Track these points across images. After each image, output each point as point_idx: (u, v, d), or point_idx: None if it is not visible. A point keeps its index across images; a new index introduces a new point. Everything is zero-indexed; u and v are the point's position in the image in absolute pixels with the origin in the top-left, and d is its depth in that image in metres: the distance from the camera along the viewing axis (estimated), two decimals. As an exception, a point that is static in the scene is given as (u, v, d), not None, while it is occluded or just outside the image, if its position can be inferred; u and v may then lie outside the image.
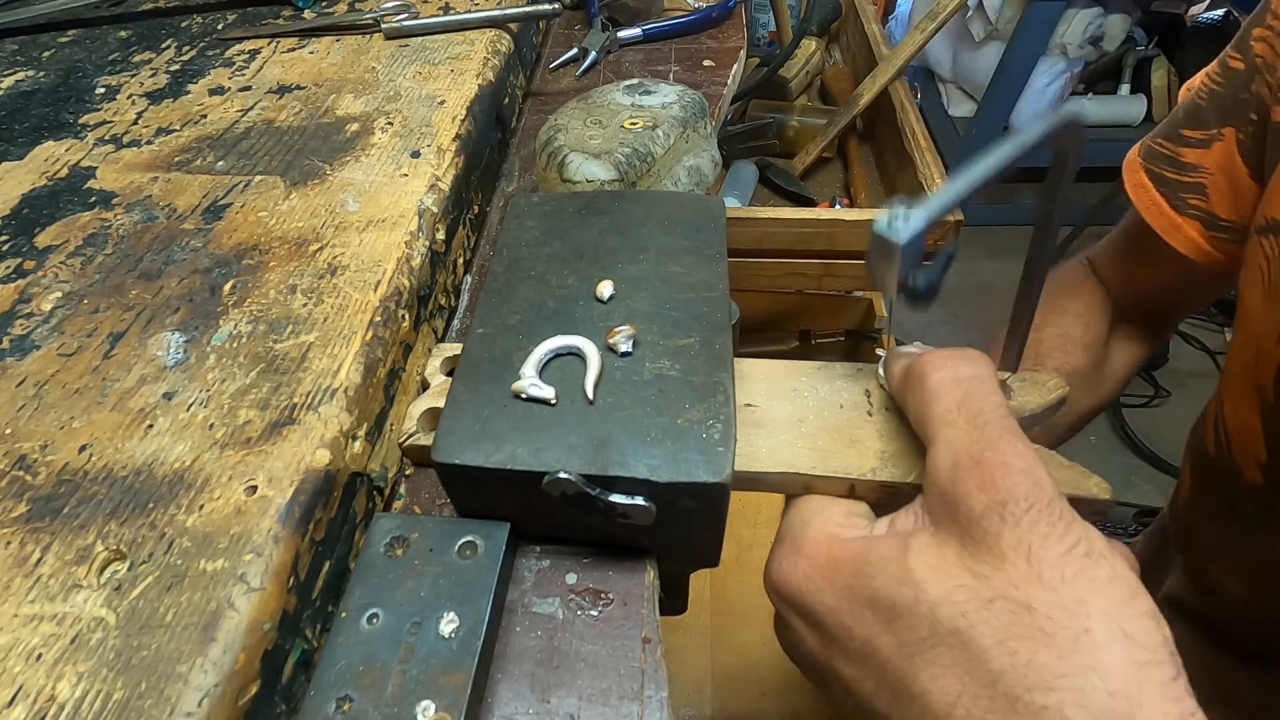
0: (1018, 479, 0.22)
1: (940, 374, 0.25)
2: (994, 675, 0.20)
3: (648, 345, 0.30)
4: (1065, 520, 0.22)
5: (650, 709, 0.26)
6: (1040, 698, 0.20)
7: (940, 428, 0.24)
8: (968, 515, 0.22)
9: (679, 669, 0.75)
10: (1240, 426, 0.46)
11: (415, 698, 0.24)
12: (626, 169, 0.40)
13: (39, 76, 0.53)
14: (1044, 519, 0.21)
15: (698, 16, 0.68)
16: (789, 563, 0.27)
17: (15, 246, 0.38)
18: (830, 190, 1.03)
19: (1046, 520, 0.21)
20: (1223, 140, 0.47)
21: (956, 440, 0.23)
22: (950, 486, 0.23)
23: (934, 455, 0.24)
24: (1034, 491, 0.22)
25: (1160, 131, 0.53)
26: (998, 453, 0.22)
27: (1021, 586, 0.21)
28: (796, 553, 0.27)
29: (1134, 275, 0.58)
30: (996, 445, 0.23)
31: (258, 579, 0.24)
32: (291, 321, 0.33)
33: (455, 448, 0.27)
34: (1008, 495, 0.22)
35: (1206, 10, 2.00)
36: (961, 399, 0.24)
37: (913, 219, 0.25)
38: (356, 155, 0.43)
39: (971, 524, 0.22)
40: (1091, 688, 0.19)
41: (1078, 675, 0.19)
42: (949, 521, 0.23)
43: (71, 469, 0.28)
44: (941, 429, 0.24)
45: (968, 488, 0.22)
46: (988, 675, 0.20)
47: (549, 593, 0.29)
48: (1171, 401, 1.74)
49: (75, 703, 0.22)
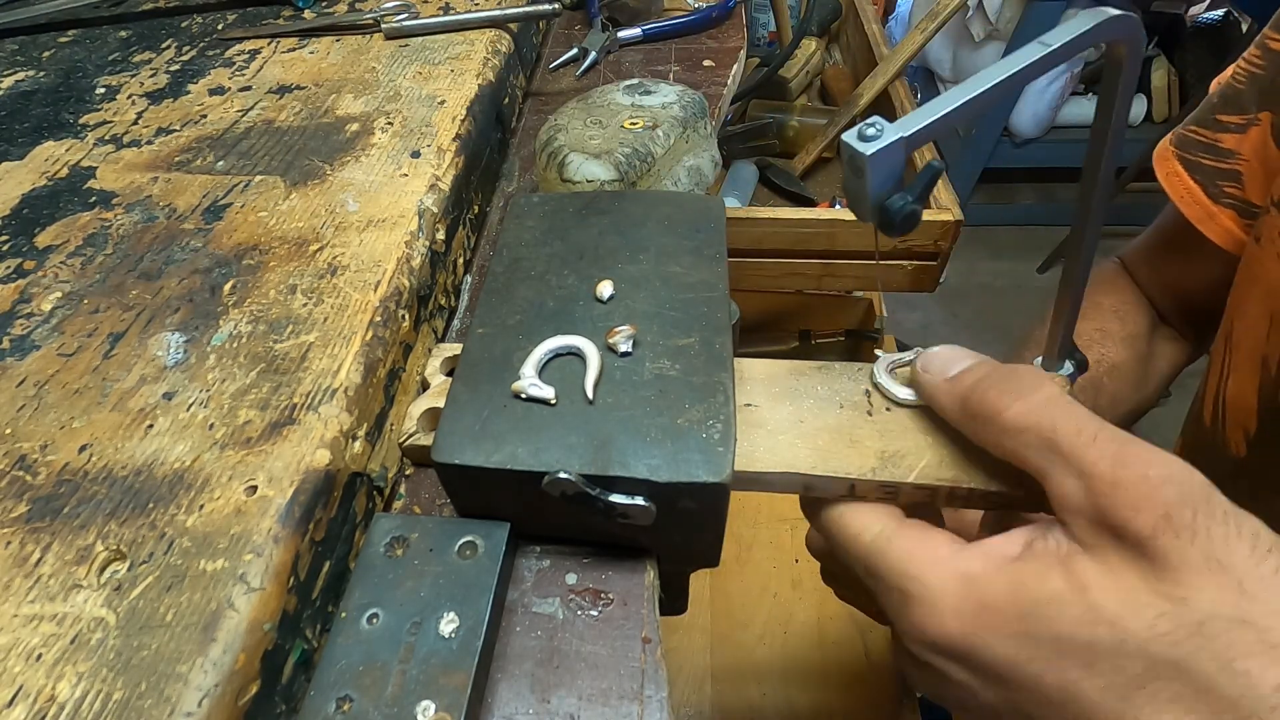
0: (1167, 489, 0.21)
1: (1015, 410, 0.24)
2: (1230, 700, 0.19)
3: (648, 345, 0.30)
4: (1230, 512, 0.21)
5: (650, 709, 0.26)
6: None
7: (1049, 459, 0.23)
8: (1137, 538, 0.21)
9: (679, 669, 0.75)
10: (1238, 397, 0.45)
11: (415, 698, 0.24)
12: (626, 169, 0.40)
13: (39, 76, 0.53)
14: (1214, 520, 0.20)
15: (698, 16, 0.68)
16: (934, 622, 0.24)
17: (15, 246, 0.38)
18: (830, 190, 1.03)
19: (1218, 521, 0.20)
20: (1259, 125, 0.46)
21: (1076, 465, 0.22)
22: (1099, 515, 0.22)
23: (1057, 486, 0.23)
24: (1189, 494, 0.21)
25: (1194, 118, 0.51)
26: (1129, 467, 0.21)
27: (1228, 602, 0.20)
28: (936, 608, 0.24)
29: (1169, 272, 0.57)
30: (1124, 459, 0.21)
31: (258, 579, 0.24)
32: (291, 321, 0.33)
33: (455, 448, 0.27)
34: (1167, 508, 0.21)
35: (1206, 10, 2.00)
36: (1053, 425, 0.23)
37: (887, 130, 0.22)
38: (356, 155, 0.43)
39: (1143, 547, 0.21)
40: None
41: None
42: (1113, 549, 0.22)
43: (71, 469, 0.28)
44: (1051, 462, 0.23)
45: (1122, 513, 0.21)
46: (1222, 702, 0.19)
47: (549, 593, 0.29)
48: (1172, 402, 1.74)
49: (75, 703, 0.22)
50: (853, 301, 1.03)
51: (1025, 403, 0.24)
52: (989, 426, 0.25)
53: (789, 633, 0.79)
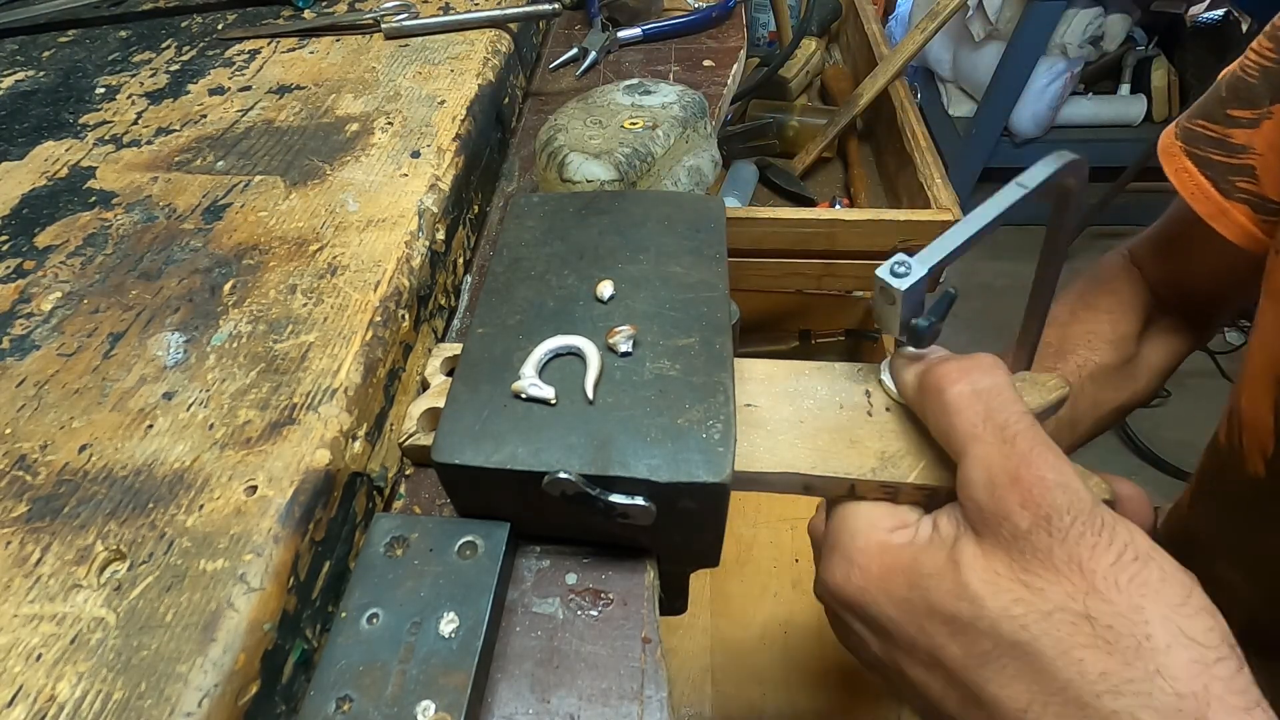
0: (1057, 493, 0.22)
1: (958, 387, 0.25)
2: (1062, 683, 0.21)
3: (648, 345, 0.30)
4: (1109, 527, 0.22)
5: (650, 709, 0.26)
6: (1110, 702, 0.20)
7: (968, 443, 0.25)
8: (1013, 532, 0.23)
9: (679, 669, 0.75)
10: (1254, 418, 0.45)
11: (415, 698, 0.24)
12: (626, 169, 0.40)
13: (39, 76, 0.53)
14: (1089, 530, 0.22)
15: (698, 16, 0.68)
16: (842, 572, 0.28)
17: (15, 246, 0.38)
18: (830, 190, 1.03)
19: (1092, 530, 0.22)
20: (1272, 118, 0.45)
21: (987, 456, 0.24)
22: (990, 504, 0.23)
23: (966, 470, 0.24)
24: (1074, 503, 0.22)
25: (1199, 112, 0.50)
26: (1032, 468, 0.23)
27: (1079, 598, 0.22)
28: (849, 563, 0.28)
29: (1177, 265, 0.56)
30: (1030, 460, 0.23)
31: (258, 579, 0.24)
32: (291, 321, 0.33)
33: (455, 448, 0.27)
34: (1050, 510, 0.22)
35: (1206, 10, 2.00)
36: (985, 412, 0.25)
37: (914, 267, 0.26)
38: (356, 155, 0.43)
39: (1018, 539, 0.23)
40: (1159, 691, 0.20)
41: (1144, 680, 0.20)
42: (992, 536, 0.24)
43: (71, 469, 0.28)
44: (970, 444, 0.24)
45: (1009, 506, 0.23)
46: (1055, 683, 0.21)
47: (549, 593, 0.29)
48: (1171, 402, 1.74)
49: (75, 703, 0.22)
50: (853, 301, 1.03)
51: (970, 384, 0.25)
52: (934, 399, 0.26)
53: (789, 633, 0.79)
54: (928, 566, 0.25)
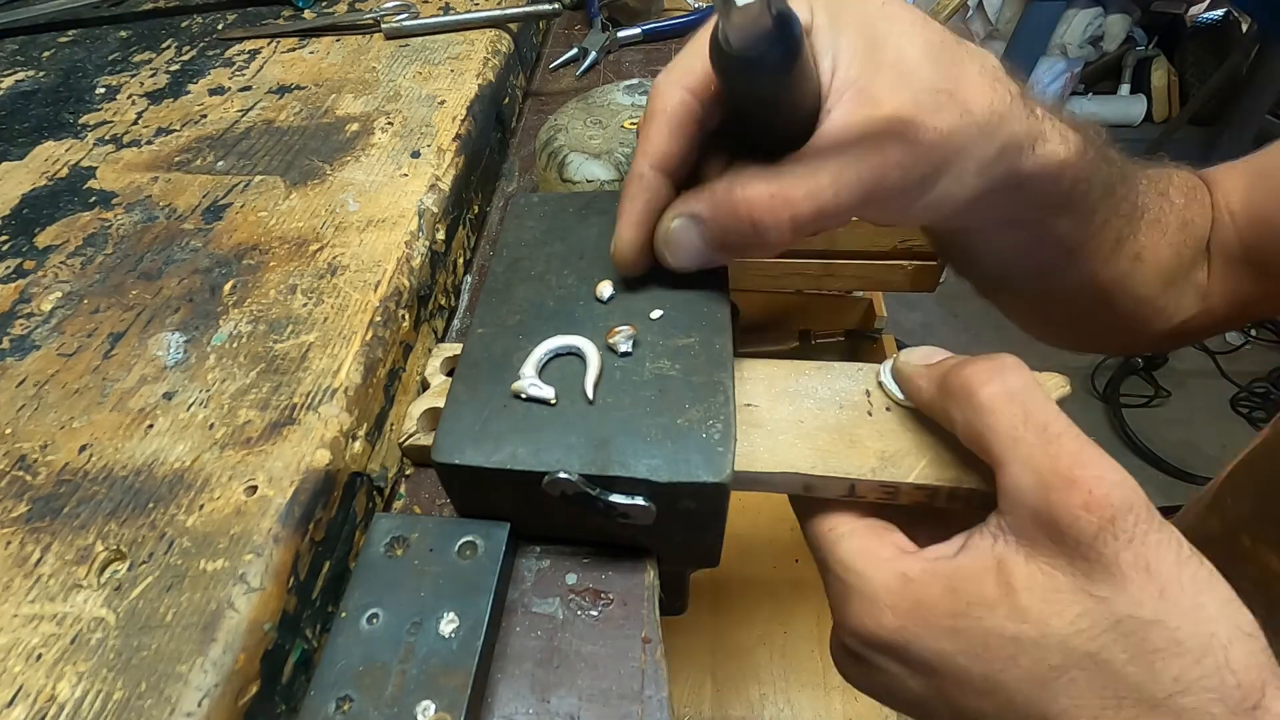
0: (1117, 492, 0.22)
1: (990, 389, 0.24)
2: (1133, 686, 0.21)
3: (648, 345, 0.30)
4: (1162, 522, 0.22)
5: (650, 709, 0.26)
6: (1182, 700, 0.21)
7: (1010, 447, 0.24)
8: (1077, 538, 0.22)
9: (679, 669, 0.75)
10: None
11: (415, 698, 0.24)
12: (626, 169, 0.40)
13: (39, 76, 0.53)
14: (1151, 529, 0.22)
15: (698, 16, 0.68)
16: (872, 617, 0.26)
17: (15, 246, 0.38)
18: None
19: (1155, 530, 0.22)
20: None
21: (1035, 459, 0.23)
22: (1047, 510, 0.22)
23: (1012, 477, 0.23)
24: (1134, 499, 0.22)
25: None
26: (1087, 467, 0.22)
27: (1147, 604, 0.21)
28: (874, 604, 0.26)
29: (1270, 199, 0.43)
30: (1082, 459, 0.22)
31: (258, 579, 0.24)
32: (291, 321, 0.33)
33: (455, 448, 0.27)
34: (1114, 511, 0.22)
35: (1206, 10, 2.00)
36: (1024, 414, 0.24)
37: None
38: (356, 155, 0.43)
39: (1082, 546, 0.22)
40: (1224, 684, 0.21)
41: (1212, 676, 0.21)
42: (1050, 545, 0.23)
43: (71, 469, 0.28)
44: (1012, 449, 0.23)
45: (1072, 510, 0.22)
46: (1125, 687, 0.22)
47: (549, 593, 0.29)
48: (1171, 401, 1.74)
49: (75, 703, 0.22)
50: (853, 301, 1.03)
51: (1002, 385, 0.24)
52: (963, 403, 0.25)
53: (789, 633, 0.79)
54: (972, 594, 0.24)
